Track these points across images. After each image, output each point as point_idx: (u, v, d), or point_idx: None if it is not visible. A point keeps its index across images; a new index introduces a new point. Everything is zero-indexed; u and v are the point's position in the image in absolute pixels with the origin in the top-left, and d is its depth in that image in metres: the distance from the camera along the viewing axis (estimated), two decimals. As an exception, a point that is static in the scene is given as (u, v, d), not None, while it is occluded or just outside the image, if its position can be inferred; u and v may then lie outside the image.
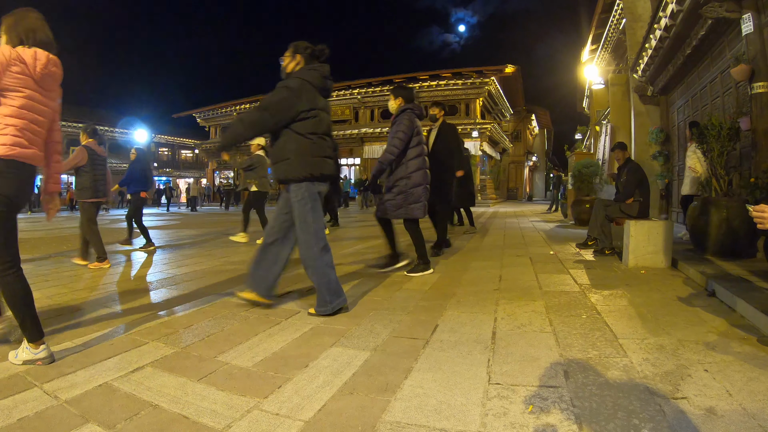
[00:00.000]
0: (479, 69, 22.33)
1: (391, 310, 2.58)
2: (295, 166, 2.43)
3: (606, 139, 12.79)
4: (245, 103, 28.80)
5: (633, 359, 1.76)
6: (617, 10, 11.03)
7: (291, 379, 1.64)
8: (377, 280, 3.45)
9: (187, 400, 1.48)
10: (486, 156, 25.10)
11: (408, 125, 3.48)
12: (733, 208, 3.79)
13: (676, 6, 5.24)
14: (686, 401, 1.41)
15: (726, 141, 4.08)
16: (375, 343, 2.01)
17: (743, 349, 1.85)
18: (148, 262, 4.56)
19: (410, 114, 3.54)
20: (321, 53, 2.55)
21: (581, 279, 3.37)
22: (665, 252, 3.78)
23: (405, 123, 3.48)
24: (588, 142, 17.90)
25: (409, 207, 3.51)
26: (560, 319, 2.33)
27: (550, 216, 11.89)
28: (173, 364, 1.81)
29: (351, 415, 1.37)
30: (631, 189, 4.60)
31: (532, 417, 1.33)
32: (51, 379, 1.65)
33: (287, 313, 2.55)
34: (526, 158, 35.13)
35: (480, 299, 2.79)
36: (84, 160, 4.36)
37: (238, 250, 5.35)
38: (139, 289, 3.24)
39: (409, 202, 3.51)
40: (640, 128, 8.61)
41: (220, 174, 31.34)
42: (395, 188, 3.54)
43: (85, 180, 4.36)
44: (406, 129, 3.48)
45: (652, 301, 2.68)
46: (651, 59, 7.01)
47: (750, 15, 4.05)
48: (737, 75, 4.26)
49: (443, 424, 1.31)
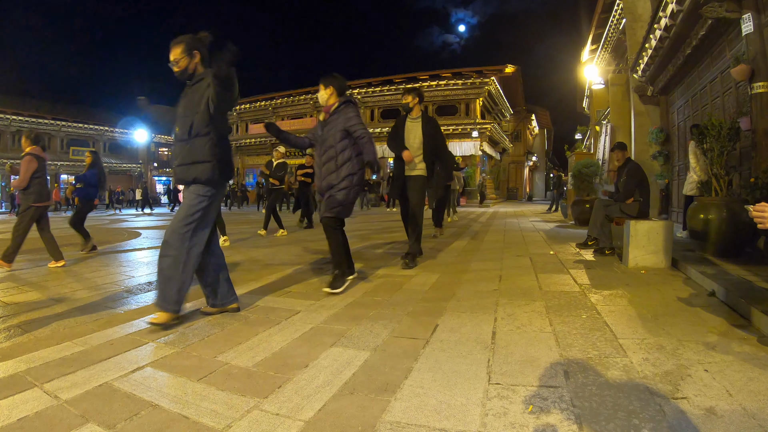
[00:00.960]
0: (479, 69, 22.35)
1: (391, 310, 2.58)
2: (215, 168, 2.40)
3: (606, 139, 12.78)
4: (245, 103, 28.83)
5: (633, 359, 1.76)
6: (617, 10, 11.03)
7: (291, 379, 1.64)
8: (377, 280, 3.45)
9: (187, 400, 1.48)
10: (486, 156, 25.10)
11: (360, 116, 3.18)
12: (733, 208, 3.79)
13: (676, 6, 5.24)
14: (686, 401, 1.41)
15: (726, 141, 4.08)
16: (375, 343, 2.01)
17: (743, 349, 1.85)
18: (147, 263, 4.56)
19: (356, 108, 3.22)
20: None
21: (581, 279, 3.37)
22: (665, 252, 3.78)
23: (359, 115, 3.17)
24: (588, 142, 17.90)
25: (347, 207, 3.13)
26: (560, 319, 2.33)
27: (550, 216, 11.90)
28: (173, 364, 1.80)
29: (351, 415, 1.37)
30: (631, 189, 4.60)
31: (532, 417, 1.33)
32: (51, 379, 1.65)
33: (287, 313, 2.55)
34: (526, 158, 35.14)
35: (480, 299, 2.79)
36: (35, 167, 4.33)
37: (238, 250, 5.35)
38: (139, 289, 3.24)
39: (348, 202, 3.12)
40: (640, 128, 8.61)
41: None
42: (340, 186, 3.07)
43: (34, 185, 4.33)
44: (360, 120, 3.16)
45: (652, 301, 2.68)
46: (651, 59, 7.01)
47: (750, 15, 4.05)
48: (737, 75, 4.26)
49: (443, 424, 1.31)
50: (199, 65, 2.40)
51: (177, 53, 2.33)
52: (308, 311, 2.57)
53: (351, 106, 3.19)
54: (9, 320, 2.44)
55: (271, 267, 4.13)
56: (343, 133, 3.08)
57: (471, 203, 20.36)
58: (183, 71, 2.36)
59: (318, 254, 4.82)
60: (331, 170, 3.07)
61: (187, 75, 2.38)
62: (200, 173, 2.34)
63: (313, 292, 3.04)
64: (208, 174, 2.35)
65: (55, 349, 1.96)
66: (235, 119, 29.72)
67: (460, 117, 22.98)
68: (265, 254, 5.01)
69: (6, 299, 2.94)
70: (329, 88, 3.20)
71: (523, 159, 34.66)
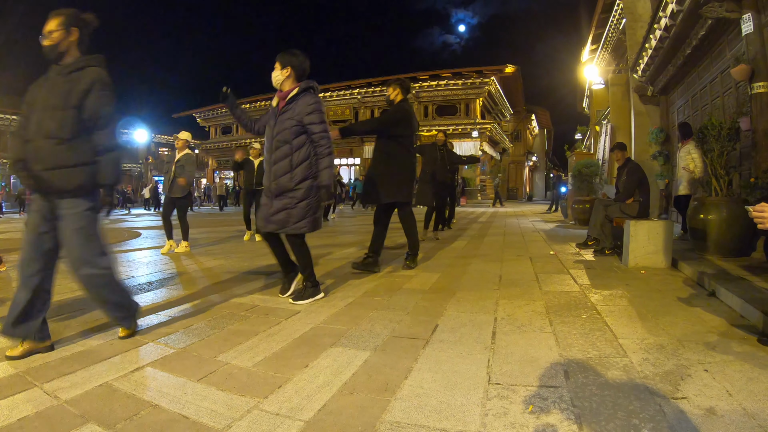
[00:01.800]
0: (479, 69, 22.36)
1: (391, 310, 2.58)
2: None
3: (606, 139, 12.79)
4: (245, 103, 28.82)
5: (633, 359, 1.76)
6: (617, 10, 11.04)
7: (291, 379, 1.64)
8: (377, 280, 3.45)
9: (187, 400, 1.48)
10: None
11: (322, 110, 2.66)
12: (733, 208, 3.79)
13: (676, 6, 5.24)
14: (686, 401, 1.41)
15: (726, 141, 4.08)
16: (375, 343, 2.01)
17: (743, 349, 1.85)
18: (147, 263, 4.56)
19: (318, 99, 2.68)
20: None
21: (581, 279, 3.37)
22: (665, 252, 3.78)
23: (321, 110, 2.66)
24: (588, 142, 17.91)
25: (313, 221, 2.71)
26: (560, 319, 2.33)
27: (550, 216, 11.90)
28: (173, 364, 1.80)
29: (351, 415, 1.37)
30: (631, 189, 4.61)
31: (532, 417, 1.33)
32: (51, 379, 1.65)
33: (287, 313, 2.55)
34: (526, 158, 35.16)
35: (480, 299, 2.79)
36: None
37: (238, 249, 5.35)
38: (139, 289, 3.24)
39: (311, 215, 2.70)
40: (640, 128, 8.61)
41: (220, 174, 31.34)
42: (296, 196, 2.63)
43: None
44: (322, 116, 2.65)
45: (652, 301, 2.68)
46: (651, 59, 7.01)
47: (750, 15, 4.06)
48: (737, 75, 4.26)
49: (443, 424, 1.30)
50: (73, 47, 2.01)
51: (53, 25, 1.96)
52: (308, 311, 2.57)
53: (312, 95, 2.63)
54: (9, 320, 2.44)
55: (271, 266, 4.12)
56: (300, 128, 2.59)
57: (471, 203, 20.35)
58: (53, 47, 1.96)
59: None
60: (284, 170, 2.61)
61: (56, 54, 1.97)
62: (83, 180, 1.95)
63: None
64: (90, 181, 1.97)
65: (55, 349, 1.96)
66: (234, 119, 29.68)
67: (460, 117, 22.99)
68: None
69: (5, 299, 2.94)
70: (286, 68, 2.63)
71: (523, 159, 34.68)
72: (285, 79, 2.65)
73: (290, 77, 2.65)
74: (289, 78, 2.65)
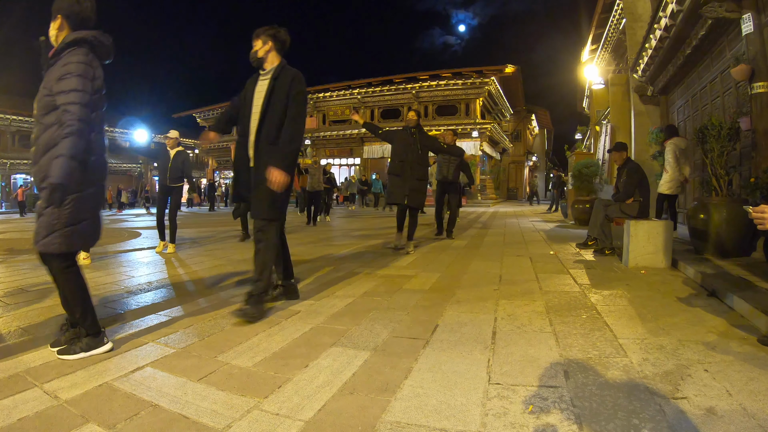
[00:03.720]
0: (479, 69, 22.32)
1: (391, 310, 2.58)
2: None
3: (606, 139, 12.79)
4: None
5: (633, 359, 1.76)
6: (617, 10, 11.04)
7: (291, 379, 1.64)
8: (377, 280, 3.45)
9: (187, 400, 1.48)
10: (486, 156, 25.10)
11: (85, 70, 1.79)
12: (733, 208, 3.79)
13: (676, 6, 5.24)
14: (686, 401, 1.41)
15: (726, 141, 4.08)
16: (375, 343, 2.01)
17: (743, 349, 1.85)
18: (147, 263, 4.56)
19: (87, 51, 1.84)
20: None
21: (581, 279, 3.37)
22: (665, 252, 3.78)
23: (81, 67, 1.78)
24: (588, 142, 17.90)
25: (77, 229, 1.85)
26: (560, 319, 2.33)
27: (550, 216, 11.90)
28: (173, 364, 1.80)
29: (351, 415, 1.37)
30: (631, 189, 4.61)
31: (532, 417, 1.33)
32: (51, 379, 1.65)
33: (287, 313, 2.54)
34: (526, 158, 35.14)
35: (480, 299, 2.79)
36: None
37: (237, 249, 5.34)
38: (139, 289, 3.24)
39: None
40: (640, 128, 8.61)
41: (220, 174, 31.33)
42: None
43: None
44: (85, 83, 1.77)
45: (652, 301, 2.68)
46: (651, 59, 7.01)
47: (750, 15, 4.05)
48: (737, 75, 4.26)
49: (443, 424, 1.30)
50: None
51: None
52: (308, 311, 2.57)
53: (73, 53, 1.80)
54: (9, 320, 2.44)
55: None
56: (50, 100, 1.79)
57: (471, 203, 20.35)
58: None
59: (309, 256, 4.82)
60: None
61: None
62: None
63: (312, 292, 3.04)
64: None
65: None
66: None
67: (460, 117, 22.96)
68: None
69: (5, 299, 2.94)
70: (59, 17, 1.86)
71: (523, 159, 34.65)
72: (56, 30, 1.88)
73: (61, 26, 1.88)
74: (60, 27, 1.88)
